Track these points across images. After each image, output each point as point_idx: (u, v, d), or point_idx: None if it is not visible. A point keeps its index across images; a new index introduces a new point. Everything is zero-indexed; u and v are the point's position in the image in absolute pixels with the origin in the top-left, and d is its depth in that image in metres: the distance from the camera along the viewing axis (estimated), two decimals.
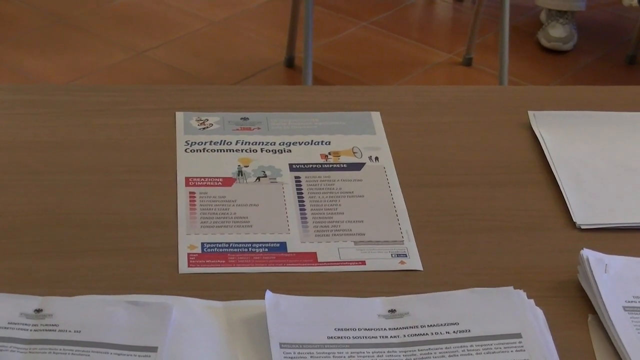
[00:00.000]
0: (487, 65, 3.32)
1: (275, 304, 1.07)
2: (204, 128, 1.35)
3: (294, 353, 1.02)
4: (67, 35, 3.38)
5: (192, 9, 3.54)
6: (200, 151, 1.31)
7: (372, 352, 1.03)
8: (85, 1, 3.55)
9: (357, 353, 1.03)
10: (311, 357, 1.02)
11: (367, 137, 1.35)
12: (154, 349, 1.01)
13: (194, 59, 3.29)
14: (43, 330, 1.03)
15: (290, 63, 3.32)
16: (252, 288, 1.10)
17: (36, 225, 1.18)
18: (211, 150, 1.31)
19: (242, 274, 1.13)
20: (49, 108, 1.39)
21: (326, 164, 1.30)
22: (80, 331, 1.02)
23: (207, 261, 1.15)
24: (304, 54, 3.07)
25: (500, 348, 1.04)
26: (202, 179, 1.26)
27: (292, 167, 1.29)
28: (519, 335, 1.05)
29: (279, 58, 3.30)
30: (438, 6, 3.77)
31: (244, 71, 3.22)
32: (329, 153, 1.32)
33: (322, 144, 1.34)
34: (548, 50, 3.43)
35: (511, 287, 1.10)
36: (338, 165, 1.30)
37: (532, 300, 1.09)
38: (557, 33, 3.43)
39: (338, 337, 1.04)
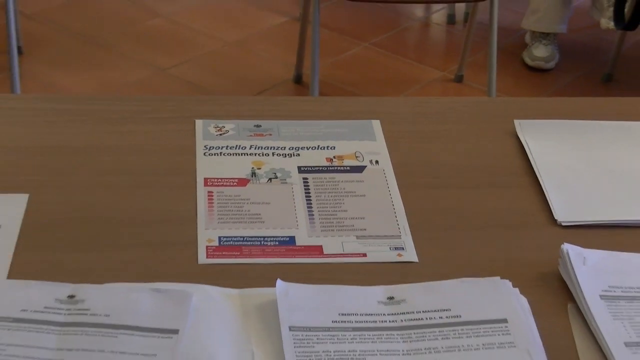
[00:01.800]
0: (477, 82, 3.32)
1: (285, 292, 1.07)
2: (220, 134, 1.35)
3: (302, 335, 1.03)
4: (95, 54, 3.38)
5: (210, 31, 3.54)
6: (218, 155, 1.31)
7: (373, 335, 1.03)
8: (113, 23, 3.56)
9: (359, 336, 1.03)
10: (317, 339, 1.02)
11: (368, 142, 1.36)
12: (175, 332, 1.01)
13: (211, 75, 3.29)
14: (75, 314, 1.03)
15: (298, 80, 3.32)
16: (264, 277, 1.10)
17: (69, 222, 1.18)
18: (227, 154, 1.32)
19: (255, 265, 1.14)
20: (78, 116, 1.39)
21: (331, 166, 1.31)
22: (109, 315, 1.03)
23: (224, 253, 1.15)
24: (311, 71, 3.07)
25: (488, 332, 1.04)
26: (219, 180, 1.27)
27: (301, 170, 1.30)
28: (505, 321, 1.05)
29: (288, 75, 3.30)
30: (432, 29, 3.77)
31: (257, 87, 3.22)
32: (334, 157, 1.32)
33: (327, 148, 1.34)
34: (532, 69, 3.43)
35: (498, 277, 1.11)
36: (342, 168, 1.31)
37: (517, 289, 1.09)
38: (540, 53, 3.43)
39: (342, 322, 1.05)
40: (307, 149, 1.34)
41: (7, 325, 1.01)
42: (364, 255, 1.16)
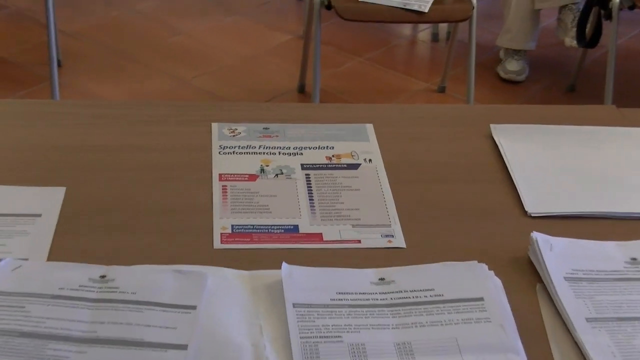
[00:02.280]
0: (457, 92, 3.31)
1: (289, 273, 1.07)
2: (233, 135, 1.35)
3: (304, 311, 1.02)
4: (125, 67, 3.38)
5: (225, 47, 3.54)
6: (231, 153, 1.31)
7: (365, 311, 1.03)
8: (141, 40, 3.55)
9: (354, 312, 1.03)
10: (318, 315, 1.02)
11: (362, 143, 1.35)
12: (193, 307, 1.01)
13: (226, 85, 3.29)
14: (106, 291, 1.03)
15: (302, 89, 3.31)
16: (271, 261, 1.09)
17: (101, 211, 1.18)
18: (239, 153, 1.31)
19: (263, 250, 1.13)
20: (110, 119, 1.39)
21: (330, 164, 1.30)
22: (135, 293, 1.03)
23: (236, 239, 1.15)
24: (312, 82, 3.07)
25: (467, 309, 1.04)
26: (232, 175, 1.26)
27: (303, 167, 1.29)
28: (481, 299, 1.05)
29: (292, 85, 3.30)
30: (418, 45, 3.77)
31: (265, 95, 3.22)
32: (333, 156, 1.32)
33: (327, 148, 1.33)
34: (505, 81, 3.43)
35: (475, 261, 1.11)
36: (339, 165, 1.30)
37: (492, 272, 1.09)
38: (512, 67, 3.42)
39: (339, 299, 1.05)
40: (309, 148, 1.33)
41: (46, 301, 1.01)
42: (359, 241, 1.16)
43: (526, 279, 1.10)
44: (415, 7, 2.90)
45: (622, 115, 1.48)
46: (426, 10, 2.90)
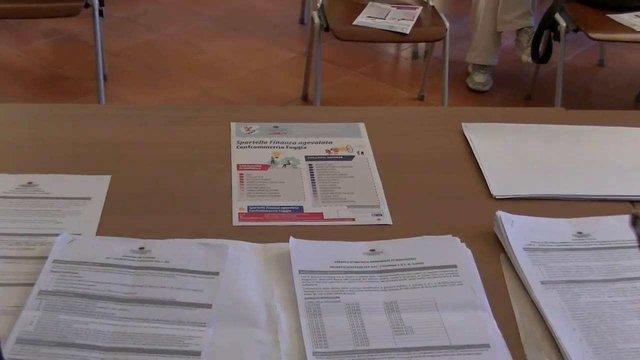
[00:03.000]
0: (434, 100, 3.31)
1: (295, 246, 1.07)
2: (249, 133, 1.34)
3: (308, 277, 1.02)
4: (159, 80, 3.38)
5: (240, 63, 3.54)
6: (247, 147, 1.30)
7: (359, 277, 1.03)
8: (172, 58, 3.55)
9: (349, 277, 1.03)
10: (319, 279, 1.02)
11: (356, 139, 1.34)
12: (216, 273, 1.01)
13: (241, 94, 3.29)
14: (144, 260, 1.03)
15: (305, 98, 3.31)
16: (280, 235, 1.09)
17: (140, 195, 1.18)
18: (254, 147, 1.31)
19: (274, 226, 1.13)
20: (147, 120, 1.38)
21: (329, 156, 1.30)
22: (168, 261, 1.03)
23: (251, 218, 1.15)
24: (314, 92, 3.07)
25: (443, 274, 1.04)
26: (248, 165, 1.26)
27: (307, 158, 1.29)
28: (455, 266, 1.05)
29: (297, 95, 3.30)
30: (402, 61, 3.76)
31: (274, 103, 3.21)
32: (331, 149, 1.31)
33: (326, 143, 1.33)
34: (473, 91, 3.42)
35: (450, 235, 1.11)
36: (337, 157, 1.30)
37: (463, 244, 1.09)
38: (479, 79, 3.42)
39: (336, 267, 1.05)
40: (312, 143, 1.33)
41: (95, 268, 1.01)
42: (353, 219, 1.16)
43: (491, 250, 1.10)
44: (399, 30, 2.90)
45: (569, 116, 1.48)
46: (407, 32, 2.90)
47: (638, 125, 1.40)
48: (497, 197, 1.21)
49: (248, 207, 1.17)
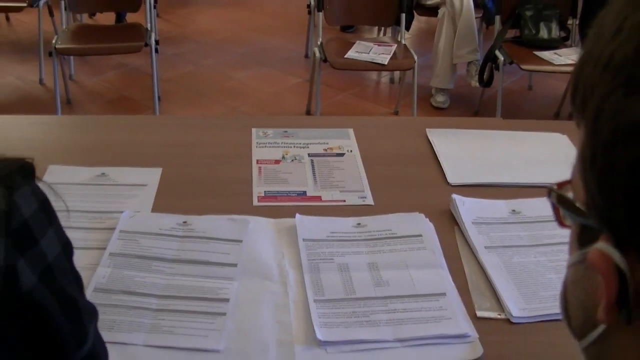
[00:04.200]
0: (405, 114, 3.26)
1: (300, 221, 1.07)
2: (265, 136, 1.33)
3: (310, 244, 1.02)
4: (199, 100, 3.36)
5: (259, 87, 3.51)
6: (264, 147, 1.30)
7: (349, 244, 1.03)
8: (208, 83, 3.53)
9: (341, 244, 1.03)
10: (318, 246, 1.02)
11: (346, 141, 1.34)
12: (240, 241, 1.01)
13: (260, 110, 3.27)
14: (187, 231, 1.03)
15: (308, 112, 3.28)
16: (289, 213, 1.09)
17: (183, 183, 1.18)
18: (269, 147, 1.30)
19: (284, 206, 1.13)
20: (189, 127, 1.37)
21: (326, 153, 1.29)
22: (204, 232, 1.03)
23: (267, 199, 1.14)
24: (315, 108, 3.06)
25: (411, 241, 1.03)
26: (265, 160, 1.25)
27: (309, 155, 1.28)
28: (421, 236, 1.05)
29: (302, 110, 3.27)
30: (381, 85, 3.73)
31: (284, 115, 3.20)
32: (328, 148, 1.30)
33: (324, 144, 1.32)
34: (435, 108, 3.39)
35: (417, 212, 1.10)
36: (332, 154, 1.29)
37: (427, 219, 1.09)
38: (440, 99, 3.40)
39: (331, 236, 1.04)
40: (313, 144, 1.32)
41: (150, 237, 1.01)
42: (344, 201, 1.15)
43: (448, 223, 1.09)
44: (379, 61, 2.89)
45: (506, 124, 1.47)
46: (386, 63, 2.89)
47: (555, 132, 1.39)
48: (452, 184, 1.20)
49: (264, 191, 1.16)
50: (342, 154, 1.29)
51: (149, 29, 3.08)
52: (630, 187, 0.32)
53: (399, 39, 3.12)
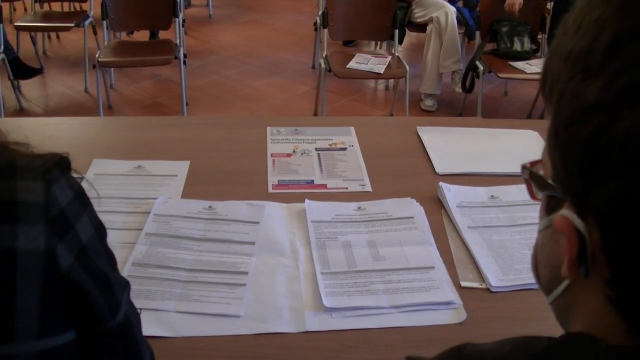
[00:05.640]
0: (399, 116, 3.27)
1: (309, 205, 1.06)
2: (278, 133, 1.33)
3: (317, 225, 1.02)
4: (221, 106, 3.36)
5: (273, 94, 3.51)
6: (277, 142, 1.29)
7: (350, 224, 1.02)
8: (229, 91, 3.53)
9: (344, 225, 1.02)
10: (324, 226, 1.01)
11: (348, 137, 1.33)
12: (257, 222, 1.01)
13: (273, 113, 3.27)
14: (212, 214, 1.03)
15: (315, 115, 3.27)
16: (300, 198, 1.09)
17: (208, 174, 1.17)
18: (282, 142, 1.29)
19: (295, 193, 1.12)
20: (213, 127, 1.36)
21: (331, 148, 1.28)
22: (227, 215, 1.02)
23: (280, 187, 1.14)
24: (321, 111, 3.05)
25: (405, 222, 1.03)
26: (278, 154, 1.25)
27: (317, 149, 1.27)
28: (412, 217, 1.04)
29: (310, 113, 3.27)
30: (378, 91, 3.71)
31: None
32: (332, 144, 1.30)
33: (329, 140, 1.31)
34: (424, 111, 3.38)
35: (409, 197, 1.10)
36: (336, 148, 1.28)
37: (418, 203, 1.08)
38: (429, 103, 3.38)
39: (336, 218, 1.04)
40: (319, 140, 1.31)
41: (181, 219, 1.01)
42: (346, 188, 1.15)
43: (436, 207, 1.09)
44: (376, 70, 2.88)
45: (486, 123, 1.46)
46: (382, 72, 2.88)
47: (527, 129, 1.38)
48: (439, 174, 1.20)
49: (278, 180, 1.16)
50: (344, 149, 1.29)
51: (178, 44, 3.08)
52: (585, 160, 0.33)
53: (393, 52, 3.11)
